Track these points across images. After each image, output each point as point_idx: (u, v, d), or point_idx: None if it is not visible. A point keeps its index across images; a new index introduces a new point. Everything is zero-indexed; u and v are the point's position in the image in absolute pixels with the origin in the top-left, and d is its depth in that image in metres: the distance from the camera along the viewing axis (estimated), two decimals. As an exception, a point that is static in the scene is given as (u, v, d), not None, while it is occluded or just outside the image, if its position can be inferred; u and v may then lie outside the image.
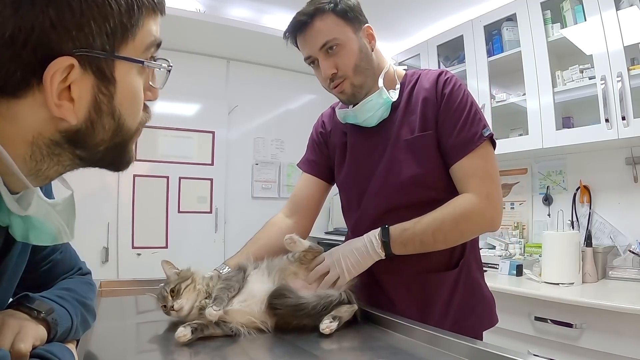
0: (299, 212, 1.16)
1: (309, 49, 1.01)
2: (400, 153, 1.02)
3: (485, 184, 0.95)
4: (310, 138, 1.24)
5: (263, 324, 0.83)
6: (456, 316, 1.01)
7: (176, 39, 3.02)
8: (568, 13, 2.07)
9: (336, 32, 0.98)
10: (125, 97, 0.49)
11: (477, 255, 1.11)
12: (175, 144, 3.14)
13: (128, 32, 0.47)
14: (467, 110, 0.99)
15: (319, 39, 0.98)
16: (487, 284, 1.12)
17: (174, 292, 0.83)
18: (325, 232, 3.32)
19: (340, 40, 0.98)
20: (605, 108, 1.85)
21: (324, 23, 0.98)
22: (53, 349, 0.51)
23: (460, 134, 0.97)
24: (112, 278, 1.46)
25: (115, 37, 0.46)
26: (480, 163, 0.96)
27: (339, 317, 0.83)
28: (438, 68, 2.65)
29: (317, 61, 1.01)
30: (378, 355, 0.74)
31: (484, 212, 0.95)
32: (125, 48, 0.47)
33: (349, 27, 0.99)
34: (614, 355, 1.53)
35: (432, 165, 1.00)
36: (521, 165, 2.54)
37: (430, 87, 1.02)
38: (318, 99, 3.57)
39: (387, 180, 1.03)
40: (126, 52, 0.47)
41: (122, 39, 0.46)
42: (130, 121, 0.51)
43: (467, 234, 0.99)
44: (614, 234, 2.09)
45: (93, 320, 0.68)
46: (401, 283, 1.02)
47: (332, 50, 0.98)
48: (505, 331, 1.87)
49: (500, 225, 0.99)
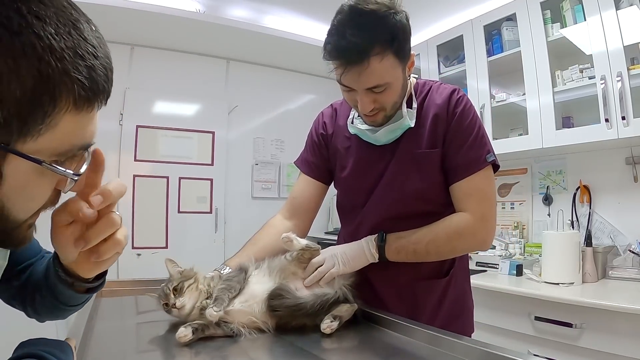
0: (298, 214, 1.16)
1: (353, 85, 0.91)
2: (405, 166, 1.02)
3: (481, 205, 0.98)
4: (309, 137, 1.21)
5: (264, 324, 0.83)
6: (442, 322, 1.03)
7: (176, 39, 3.03)
8: (568, 13, 2.07)
9: (390, 75, 0.90)
10: (14, 193, 0.42)
11: (465, 265, 1.15)
12: (175, 144, 3.14)
13: (28, 127, 0.39)
14: (475, 132, 1.00)
15: (371, 81, 0.89)
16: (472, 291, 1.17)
17: (176, 290, 0.83)
18: (325, 232, 3.32)
19: (390, 84, 0.91)
20: (605, 108, 1.85)
21: (381, 66, 0.87)
22: (53, 350, 0.50)
23: (464, 156, 0.99)
24: (112, 278, 1.45)
25: (9, 128, 0.38)
26: (479, 185, 0.99)
27: (339, 317, 0.83)
28: (438, 68, 2.68)
29: (354, 90, 0.92)
30: (378, 355, 0.74)
31: (476, 233, 0.98)
32: (23, 144, 0.40)
33: (401, 66, 0.92)
34: (614, 355, 1.53)
35: (434, 181, 1.01)
36: (521, 165, 2.54)
37: (442, 104, 1.01)
38: (318, 99, 3.57)
39: (389, 191, 1.04)
40: (25, 148, 0.40)
41: (19, 133, 0.39)
42: (19, 215, 0.45)
43: (458, 250, 1.03)
44: (614, 234, 2.09)
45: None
46: (393, 288, 1.04)
47: (377, 90, 0.91)
48: (505, 331, 1.87)
49: (490, 245, 1.03)
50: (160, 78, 3.10)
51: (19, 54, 0.36)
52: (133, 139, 2.97)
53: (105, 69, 0.43)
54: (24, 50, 0.36)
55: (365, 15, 0.85)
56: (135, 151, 2.99)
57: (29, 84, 0.37)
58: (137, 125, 2.99)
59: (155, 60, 3.10)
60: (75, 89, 0.40)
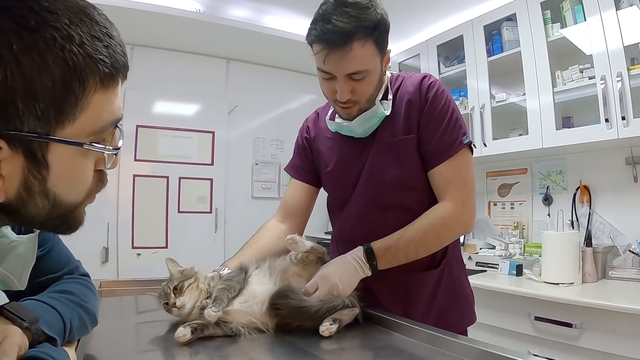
0: (291, 217, 1.19)
1: (335, 70, 0.93)
2: (383, 155, 1.03)
3: (461, 191, 1.00)
4: (296, 142, 1.25)
5: (264, 325, 0.83)
6: (439, 314, 1.04)
7: (176, 39, 3.03)
8: (568, 13, 2.07)
9: (370, 62, 0.93)
10: (61, 180, 0.45)
11: (458, 254, 1.15)
12: (175, 144, 3.14)
13: (64, 113, 0.42)
14: (449, 116, 1.01)
15: (352, 66, 0.91)
16: (469, 281, 1.17)
17: (176, 289, 0.83)
18: (324, 232, 3.32)
19: (369, 71, 0.94)
20: (605, 108, 1.85)
21: (363, 51, 0.90)
22: (49, 350, 0.50)
23: (440, 140, 1.00)
24: (112, 278, 1.46)
25: (48, 118, 0.41)
26: (457, 170, 1.00)
27: (339, 320, 0.83)
28: (438, 68, 2.68)
29: (334, 78, 0.94)
30: (378, 355, 0.74)
31: (460, 219, 1.00)
32: (62, 130, 0.43)
33: (379, 56, 0.95)
34: (614, 355, 1.53)
35: (413, 167, 1.03)
36: (521, 165, 2.54)
37: (414, 90, 1.03)
38: (318, 99, 3.54)
39: (371, 181, 1.05)
40: (64, 133, 0.43)
41: (57, 121, 0.42)
42: (70, 198, 0.48)
43: (445, 241, 1.04)
44: (613, 234, 2.09)
45: (92, 325, 0.67)
46: (385, 282, 1.03)
47: (356, 76, 0.93)
48: (505, 331, 1.87)
49: (472, 228, 1.05)
50: (160, 78, 3.10)
51: (43, 48, 0.39)
52: (133, 139, 2.97)
53: (120, 45, 0.46)
54: (46, 44, 0.39)
55: (350, 5, 0.89)
56: (135, 151, 2.99)
57: (58, 73, 0.40)
58: (137, 125, 2.99)
59: (155, 60, 3.10)
60: (100, 69, 0.43)
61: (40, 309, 0.54)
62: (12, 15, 0.39)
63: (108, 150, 0.48)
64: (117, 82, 0.47)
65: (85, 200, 0.50)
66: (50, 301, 0.57)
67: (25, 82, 0.39)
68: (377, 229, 1.00)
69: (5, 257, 0.52)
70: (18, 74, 0.38)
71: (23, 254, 0.54)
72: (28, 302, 0.55)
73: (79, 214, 0.51)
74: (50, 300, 0.58)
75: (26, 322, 0.50)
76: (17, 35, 0.38)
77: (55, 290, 0.63)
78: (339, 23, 0.88)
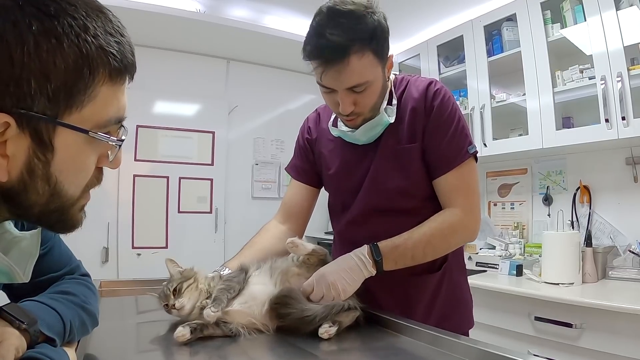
0: (292, 218, 1.18)
1: (334, 85, 0.91)
2: (387, 163, 1.02)
3: (468, 199, 1.00)
4: (297, 142, 1.23)
5: (264, 326, 0.82)
6: (438, 318, 1.03)
7: (176, 39, 3.03)
8: (568, 13, 2.07)
9: (370, 73, 0.90)
10: (64, 165, 0.46)
11: (459, 258, 1.14)
12: (175, 144, 3.14)
13: (73, 98, 0.44)
14: (455, 125, 0.99)
15: (352, 80, 0.88)
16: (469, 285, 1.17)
17: (176, 290, 0.83)
18: (325, 232, 3.32)
19: (371, 82, 0.91)
20: (605, 108, 1.85)
21: (361, 64, 0.87)
22: (46, 350, 0.50)
23: (446, 149, 0.99)
24: (112, 278, 1.46)
25: (57, 101, 0.43)
26: (463, 178, 1.00)
27: (338, 322, 0.82)
28: (438, 68, 2.68)
29: (335, 91, 0.92)
30: (378, 356, 0.74)
31: (468, 226, 1.00)
32: (69, 116, 0.44)
33: (380, 65, 0.92)
34: (614, 355, 1.53)
35: (416, 176, 1.02)
36: (521, 165, 2.54)
37: (419, 97, 1.01)
38: (318, 99, 3.52)
39: (374, 188, 1.04)
40: (71, 119, 0.44)
41: (66, 105, 0.43)
42: (70, 189, 0.48)
43: (453, 246, 1.04)
44: (613, 234, 2.09)
45: (93, 326, 0.67)
46: (385, 285, 1.02)
47: (358, 89, 0.91)
48: (505, 331, 1.87)
49: (477, 236, 1.05)
50: (160, 78, 3.09)
51: (60, 33, 0.42)
52: (133, 139, 2.97)
53: (130, 46, 0.50)
54: (63, 30, 0.42)
55: (344, 15, 0.85)
56: (135, 151, 2.99)
57: (71, 58, 0.42)
58: (137, 125, 2.99)
59: (155, 60, 3.09)
60: (110, 62, 0.46)
61: (40, 310, 0.54)
62: (34, 1, 0.42)
63: (112, 141, 0.49)
64: (124, 79, 0.49)
65: (82, 196, 0.51)
66: (51, 302, 0.57)
67: (41, 62, 0.41)
68: (379, 232, 0.99)
69: (9, 251, 0.52)
70: (35, 54, 0.40)
71: (27, 248, 0.54)
72: (28, 303, 0.55)
73: (75, 212, 0.51)
74: (51, 302, 0.57)
75: (24, 324, 0.50)
76: (38, 19, 0.41)
77: (56, 291, 0.63)
78: (332, 37, 0.84)
